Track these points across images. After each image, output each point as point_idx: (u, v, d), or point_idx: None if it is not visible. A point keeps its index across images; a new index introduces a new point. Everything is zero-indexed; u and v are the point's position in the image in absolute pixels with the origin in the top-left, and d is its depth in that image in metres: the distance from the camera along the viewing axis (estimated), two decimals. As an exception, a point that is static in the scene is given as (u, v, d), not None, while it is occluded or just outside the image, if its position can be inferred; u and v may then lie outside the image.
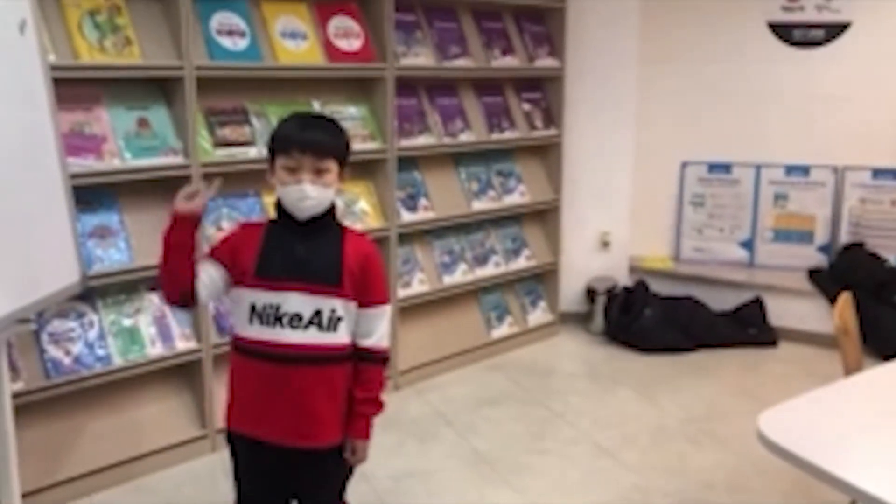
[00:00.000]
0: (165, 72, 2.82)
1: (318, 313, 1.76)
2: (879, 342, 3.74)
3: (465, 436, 3.19)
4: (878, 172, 4.23)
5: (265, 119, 3.14)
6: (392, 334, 3.52)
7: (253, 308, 1.75)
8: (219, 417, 3.03)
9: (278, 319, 1.75)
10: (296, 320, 1.75)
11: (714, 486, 2.80)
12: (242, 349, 1.80)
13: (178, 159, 2.85)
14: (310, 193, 1.75)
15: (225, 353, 3.02)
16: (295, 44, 3.19)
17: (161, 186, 2.88)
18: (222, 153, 2.98)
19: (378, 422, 3.29)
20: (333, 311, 1.78)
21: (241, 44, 3.03)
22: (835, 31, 4.21)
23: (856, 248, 4.22)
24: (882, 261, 4.11)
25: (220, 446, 3.07)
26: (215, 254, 1.82)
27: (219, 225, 3.04)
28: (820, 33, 4.25)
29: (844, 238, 4.32)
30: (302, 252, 1.77)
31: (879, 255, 4.14)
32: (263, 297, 1.75)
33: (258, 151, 3.07)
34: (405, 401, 3.52)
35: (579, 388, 3.68)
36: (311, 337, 1.76)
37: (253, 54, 3.05)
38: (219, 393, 3.04)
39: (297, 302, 1.75)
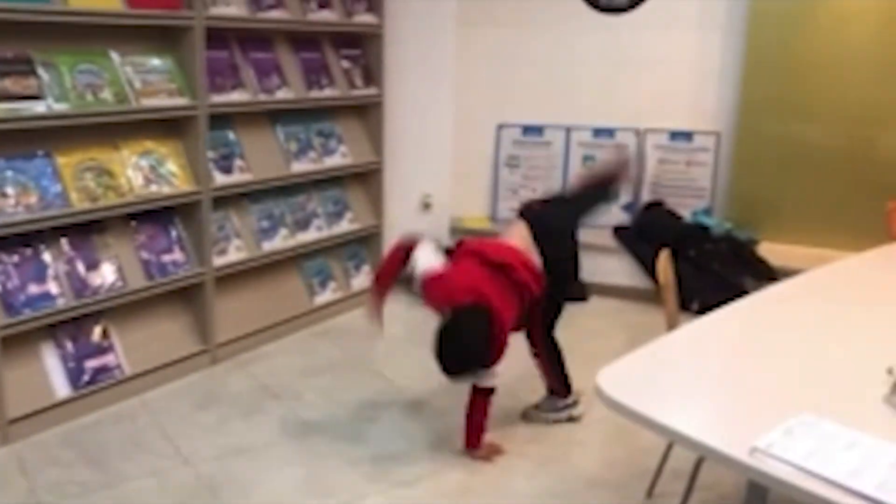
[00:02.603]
0: (-74, 11, 2.41)
1: None
2: (678, 294, 4.02)
3: (293, 408, 3.07)
4: (674, 134, 4.51)
5: (54, 70, 2.78)
6: (209, 306, 3.32)
7: None
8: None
9: None
10: None
11: (539, 441, 2.89)
12: None
13: (-53, 114, 2.46)
14: None
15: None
16: (88, -15, 2.84)
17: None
18: (4, 107, 2.61)
19: (196, 400, 3.13)
20: None
21: (23, -18, 2.65)
22: (637, -3, 4.41)
23: (656, 206, 4.50)
24: (679, 218, 4.42)
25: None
26: None
27: (3, 191, 2.67)
28: (624, -1, 4.44)
29: (646, 197, 4.59)
30: None
31: (676, 212, 4.45)
32: None
33: (47, 106, 2.72)
34: (225, 375, 3.34)
35: (406, 351, 3.66)
36: None
37: (37, -5, 2.68)
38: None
39: None
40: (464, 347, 2.50)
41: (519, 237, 2.78)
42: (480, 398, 2.69)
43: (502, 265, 2.60)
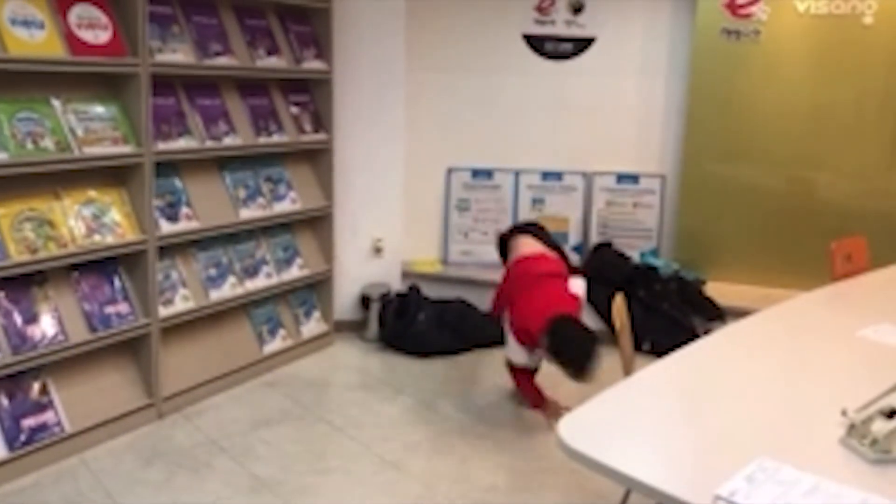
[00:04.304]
0: None
1: None
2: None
3: (243, 462, 2.98)
4: (621, 177, 4.60)
5: (-7, 118, 2.70)
6: (154, 358, 3.22)
7: None
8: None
9: None
10: None
11: (497, 488, 2.85)
12: None
13: None
14: None
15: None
16: (29, 33, 2.77)
17: None
18: (-62, 158, 2.52)
19: (141, 456, 3.02)
20: None
21: (-40, 29, 2.58)
22: (582, 45, 4.51)
23: (605, 247, 4.56)
24: (627, 259, 4.47)
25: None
26: None
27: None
28: (569, 47, 4.54)
29: (595, 238, 4.65)
30: None
31: (625, 253, 4.51)
32: None
33: (-15, 156, 2.63)
34: (172, 429, 3.22)
35: (358, 399, 3.60)
36: None
37: (-25, 42, 2.61)
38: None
39: None
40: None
41: (534, 244, 3.49)
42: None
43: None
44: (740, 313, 2.89)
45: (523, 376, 3.41)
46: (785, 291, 3.44)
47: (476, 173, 4.67)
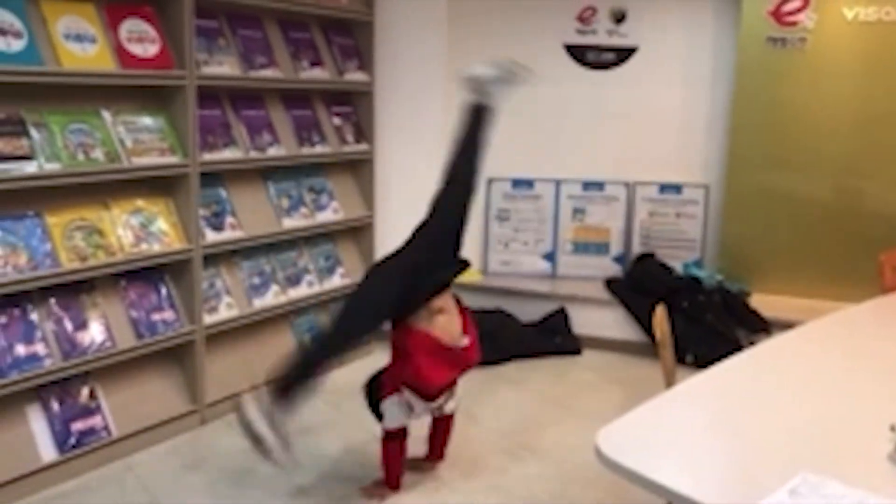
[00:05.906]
0: (-81, 73, 2.42)
1: None
2: (673, 347, 4.00)
3: (284, 469, 3.00)
4: (664, 187, 4.55)
5: (46, 130, 2.79)
6: (199, 364, 3.28)
7: None
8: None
9: None
10: None
11: (536, 500, 2.84)
12: None
13: (-63, 176, 2.45)
14: None
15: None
16: (81, 47, 2.86)
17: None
18: (-6, 168, 2.61)
19: (185, 462, 3.06)
20: None
21: (17, 45, 2.66)
22: (624, 54, 4.49)
23: (647, 258, 4.52)
24: (670, 270, 4.43)
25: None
26: None
27: (-9, 251, 2.65)
28: (611, 56, 4.52)
29: (637, 249, 4.60)
30: None
31: (668, 264, 4.46)
32: None
33: (39, 166, 2.72)
34: (215, 436, 3.27)
35: (398, 408, 3.61)
36: None
37: (31, 57, 2.69)
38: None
39: None
40: None
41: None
42: (383, 442, 2.82)
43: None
44: (786, 325, 2.84)
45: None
46: (832, 303, 3.37)
47: (516, 183, 4.67)
